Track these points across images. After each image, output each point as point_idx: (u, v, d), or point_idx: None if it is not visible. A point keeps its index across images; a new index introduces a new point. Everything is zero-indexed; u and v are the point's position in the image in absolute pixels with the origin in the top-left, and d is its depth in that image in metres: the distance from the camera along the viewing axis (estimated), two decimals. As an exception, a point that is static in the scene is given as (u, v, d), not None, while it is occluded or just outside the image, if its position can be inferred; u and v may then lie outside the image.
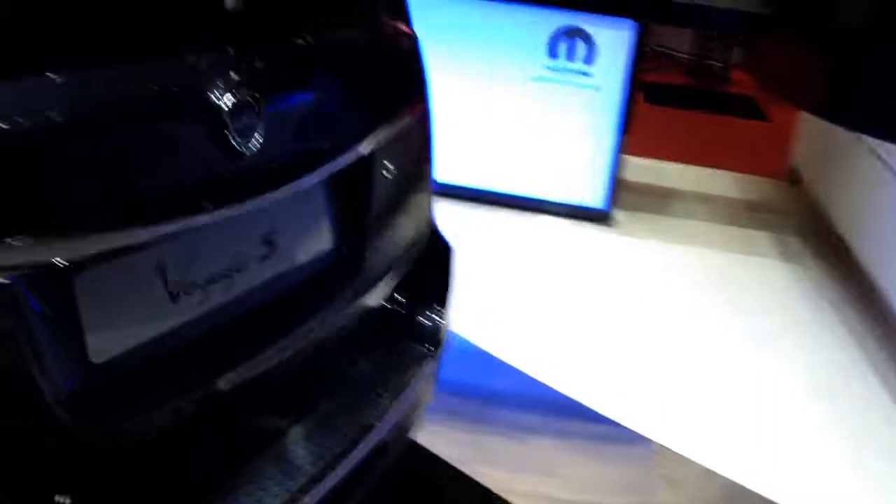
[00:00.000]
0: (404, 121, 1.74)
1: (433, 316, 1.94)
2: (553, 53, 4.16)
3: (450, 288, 2.00)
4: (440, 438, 2.49)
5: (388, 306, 1.85)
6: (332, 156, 1.49)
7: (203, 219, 1.23)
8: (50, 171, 1.03)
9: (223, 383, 1.32)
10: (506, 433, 2.64)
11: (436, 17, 3.80)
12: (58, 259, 1.04)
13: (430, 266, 1.98)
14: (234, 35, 1.31)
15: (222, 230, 1.31)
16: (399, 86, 1.76)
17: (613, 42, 4.10)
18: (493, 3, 4.17)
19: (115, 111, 1.13)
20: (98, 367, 1.15)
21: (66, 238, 1.05)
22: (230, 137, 1.22)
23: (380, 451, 1.64)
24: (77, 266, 1.08)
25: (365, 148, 1.57)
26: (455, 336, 2.05)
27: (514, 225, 4.17)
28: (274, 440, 1.47)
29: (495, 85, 4.26)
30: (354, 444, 1.53)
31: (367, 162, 1.60)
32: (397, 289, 1.88)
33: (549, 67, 4.18)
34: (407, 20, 1.86)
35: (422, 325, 1.92)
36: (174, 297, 1.25)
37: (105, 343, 1.16)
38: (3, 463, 1.02)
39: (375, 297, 1.76)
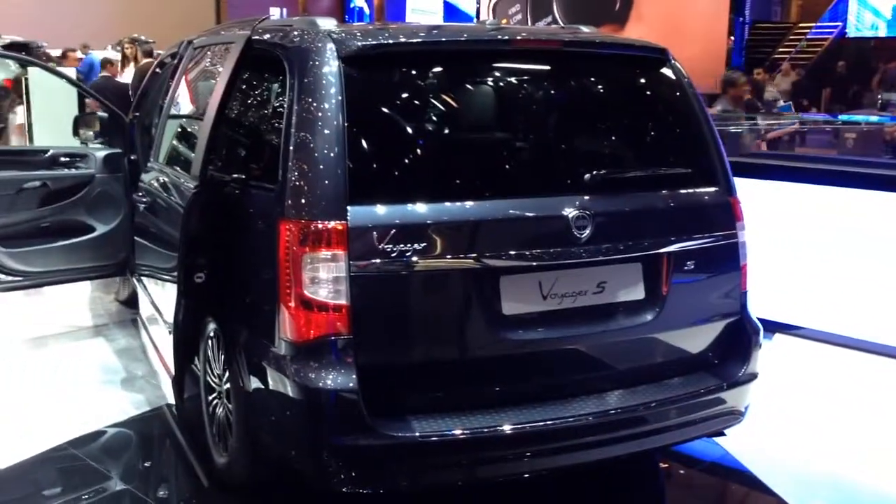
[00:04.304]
0: (706, 241, 3.15)
1: (730, 365, 3.21)
2: None
3: (749, 352, 3.23)
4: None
5: (692, 350, 3.19)
6: (641, 249, 3.00)
7: (558, 264, 2.87)
8: (499, 237, 2.82)
9: (563, 343, 2.92)
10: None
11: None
12: (497, 267, 2.80)
13: (737, 335, 3.26)
14: (587, 186, 2.96)
15: (573, 274, 2.93)
16: (703, 222, 3.17)
17: None
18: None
19: (529, 214, 2.87)
20: (506, 316, 2.85)
21: (502, 260, 2.80)
22: (572, 230, 2.86)
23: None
24: (502, 271, 2.82)
25: (666, 248, 3.04)
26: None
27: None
28: (590, 388, 2.99)
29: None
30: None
31: (669, 256, 3.06)
32: (708, 340, 3.21)
33: None
34: (729, 188, 3.26)
35: (719, 366, 3.21)
36: (544, 297, 2.90)
37: (509, 307, 2.85)
38: (475, 332, 2.79)
39: (680, 338, 3.15)
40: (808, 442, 3.91)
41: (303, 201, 2.74)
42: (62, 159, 5.04)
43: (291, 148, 2.80)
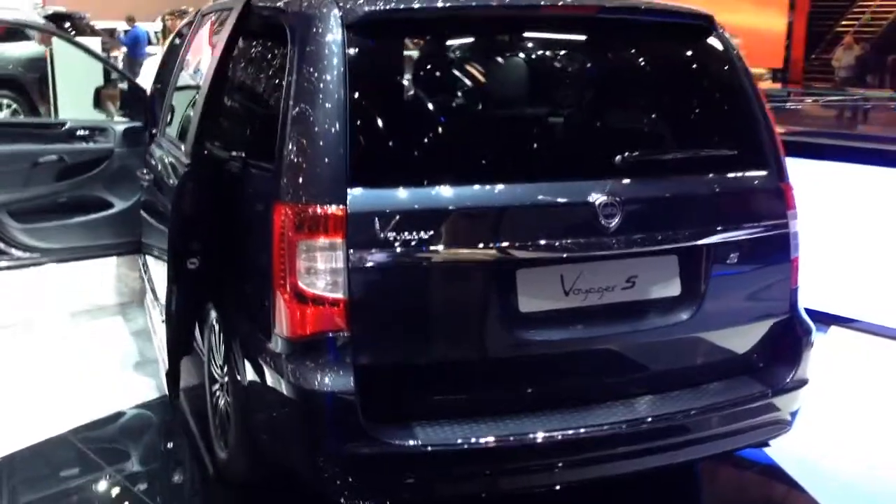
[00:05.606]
0: (752, 232, 2.81)
1: (776, 369, 2.89)
2: None
3: (799, 355, 2.90)
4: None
5: (734, 352, 2.87)
6: (677, 240, 2.68)
7: (582, 256, 2.57)
8: (516, 226, 2.52)
9: (587, 344, 2.62)
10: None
11: None
12: (513, 258, 2.51)
13: (785, 335, 2.93)
14: (617, 169, 2.65)
15: (600, 268, 2.63)
16: (749, 210, 2.84)
17: None
18: None
19: (551, 200, 2.57)
20: (523, 313, 2.56)
21: (519, 251, 2.51)
22: (599, 218, 2.56)
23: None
24: (520, 263, 2.53)
25: (706, 239, 2.72)
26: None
27: None
28: (617, 394, 2.69)
29: None
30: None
31: (709, 248, 2.73)
32: (752, 341, 2.89)
33: None
34: (780, 173, 2.92)
35: (764, 370, 2.89)
36: (566, 293, 2.61)
37: (527, 304, 2.56)
38: (487, 331, 2.52)
39: (720, 339, 2.83)
40: (862, 446, 3.58)
41: (300, 181, 2.48)
42: (80, 133, 4.85)
43: (289, 123, 2.54)
